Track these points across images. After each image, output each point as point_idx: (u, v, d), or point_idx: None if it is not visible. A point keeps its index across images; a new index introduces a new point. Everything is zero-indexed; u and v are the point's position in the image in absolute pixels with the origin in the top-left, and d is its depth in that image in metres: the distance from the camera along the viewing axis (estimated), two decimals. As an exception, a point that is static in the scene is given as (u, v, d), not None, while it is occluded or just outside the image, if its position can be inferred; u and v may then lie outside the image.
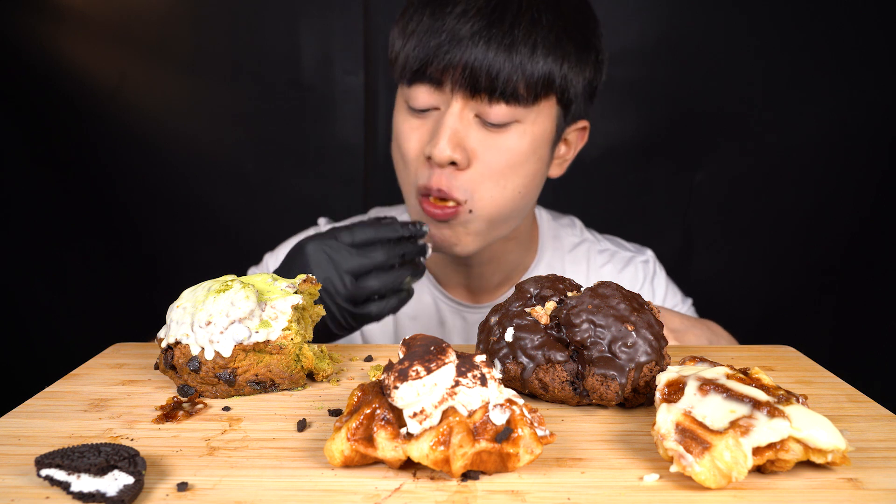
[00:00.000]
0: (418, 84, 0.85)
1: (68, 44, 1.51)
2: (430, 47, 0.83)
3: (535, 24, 0.84)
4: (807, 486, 0.45)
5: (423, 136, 0.87)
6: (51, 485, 0.45)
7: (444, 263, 1.02)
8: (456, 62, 0.82)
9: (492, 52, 0.81)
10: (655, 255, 1.16)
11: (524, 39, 0.82)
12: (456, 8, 0.84)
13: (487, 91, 0.83)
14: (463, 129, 0.84)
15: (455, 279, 1.02)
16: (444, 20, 0.83)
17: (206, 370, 0.59)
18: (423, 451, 0.44)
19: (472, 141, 0.85)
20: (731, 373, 0.50)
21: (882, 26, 1.46)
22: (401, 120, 0.90)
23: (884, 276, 1.59)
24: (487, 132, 0.85)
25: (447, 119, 0.84)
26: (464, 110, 0.84)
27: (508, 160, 0.86)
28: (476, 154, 0.85)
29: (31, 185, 1.59)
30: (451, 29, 0.82)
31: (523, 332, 0.60)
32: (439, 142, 0.83)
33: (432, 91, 0.85)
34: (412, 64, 0.85)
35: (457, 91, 0.84)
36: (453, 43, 0.82)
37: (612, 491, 0.45)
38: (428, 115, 0.87)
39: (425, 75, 0.84)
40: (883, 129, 1.51)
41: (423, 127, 0.88)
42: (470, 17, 0.82)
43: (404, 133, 0.89)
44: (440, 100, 0.86)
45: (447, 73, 0.83)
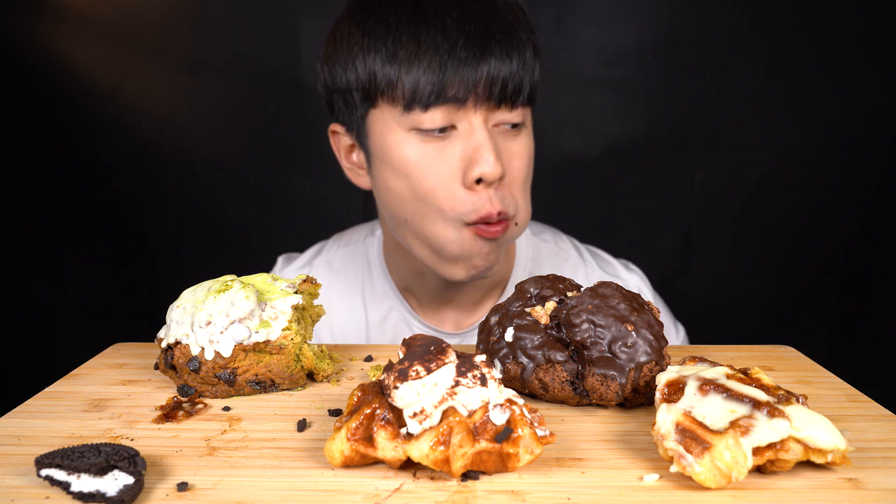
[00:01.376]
0: (436, 107, 0.79)
1: (68, 44, 1.51)
2: (449, 68, 0.77)
3: (523, 25, 0.83)
4: (807, 486, 0.45)
5: (452, 162, 0.80)
6: (51, 485, 0.45)
7: (427, 289, 0.97)
8: (480, 78, 0.78)
9: (514, 61, 0.79)
10: (653, 261, 1.12)
11: (526, 42, 0.82)
12: (462, 24, 0.79)
13: (511, 99, 0.80)
14: (493, 141, 0.80)
15: (433, 304, 0.98)
16: (454, 38, 0.78)
17: (206, 370, 0.59)
18: (423, 451, 0.44)
19: (502, 151, 0.81)
20: (731, 373, 0.50)
21: (882, 26, 1.46)
22: (409, 151, 0.81)
23: (884, 276, 1.59)
24: (507, 141, 0.83)
25: (479, 134, 0.79)
26: (487, 122, 0.81)
27: (528, 162, 0.85)
28: (507, 163, 0.82)
29: (31, 185, 1.59)
30: (467, 45, 0.78)
31: (523, 332, 0.60)
32: (486, 157, 0.78)
33: (452, 111, 0.80)
34: (429, 89, 0.78)
35: (481, 105, 0.79)
36: (472, 59, 0.78)
37: (612, 491, 0.45)
38: (445, 138, 0.81)
39: (447, 97, 0.78)
40: (883, 129, 1.52)
41: (444, 153, 0.81)
42: (482, 28, 0.79)
43: (423, 167, 0.81)
44: (458, 118, 0.80)
45: (472, 91, 0.78)
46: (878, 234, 1.57)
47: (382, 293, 1.00)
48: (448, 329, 0.99)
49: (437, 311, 0.99)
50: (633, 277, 1.05)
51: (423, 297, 0.98)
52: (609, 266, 1.06)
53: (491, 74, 0.78)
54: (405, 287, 1.00)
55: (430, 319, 0.99)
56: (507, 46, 0.80)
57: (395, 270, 1.00)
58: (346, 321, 1.01)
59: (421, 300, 0.99)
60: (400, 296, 1.00)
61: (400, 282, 1.00)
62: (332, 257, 1.05)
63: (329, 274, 1.03)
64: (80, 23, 1.50)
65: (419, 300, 0.99)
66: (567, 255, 1.05)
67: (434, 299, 0.98)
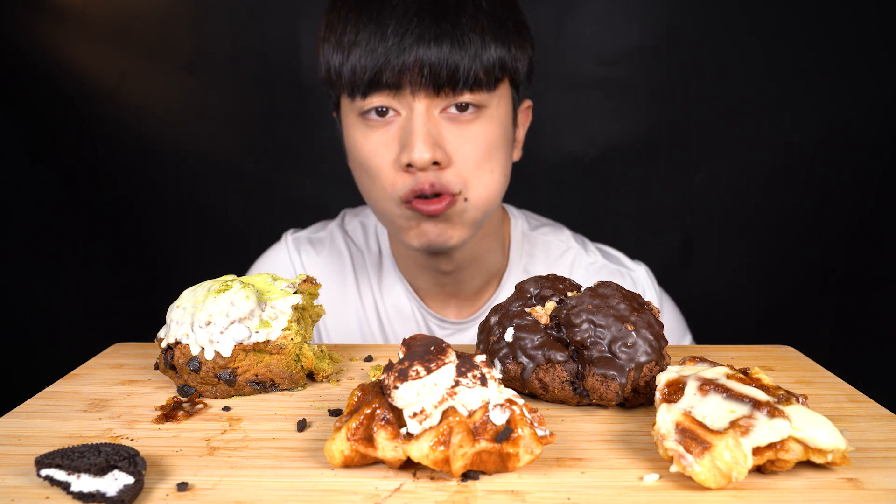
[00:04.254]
0: (374, 93, 0.82)
1: (68, 44, 1.51)
2: (380, 53, 0.80)
3: (479, 10, 0.83)
4: (807, 486, 0.45)
5: (392, 146, 0.84)
6: (51, 485, 0.45)
7: (426, 277, 0.99)
8: (411, 63, 0.80)
9: (446, 47, 0.80)
10: (653, 261, 1.11)
11: (473, 28, 0.81)
12: (395, 10, 0.81)
13: (450, 85, 0.81)
14: (434, 128, 0.82)
15: (436, 290, 1.00)
16: (386, 24, 0.80)
17: (206, 370, 0.59)
18: (423, 451, 0.44)
19: (448, 137, 0.83)
20: (731, 373, 0.50)
21: (882, 26, 1.46)
22: (358, 135, 0.86)
23: (884, 276, 1.59)
24: (458, 126, 0.84)
25: (416, 121, 0.81)
26: (429, 109, 0.82)
27: (487, 146, 0.85)
28: (455, 149, 0.84)
29: (31, 186, 1.59)
30: (397, 31, 0.80)
31: (523, 332, 0.60)
32: (416, 145, 0.80)
33: (390, 96, 0.82)
34: (363, 74, 0.81)
35: (418, 92, 0.81)
36: (404, 45, 0.80)
37: (612, 491, 0.45)
38: (389, 123, 0.84)
39: (381, 83, 0.81)
40: (883, 129, 1.52)
41: (386, 137, 0.84)
42: (413, 16, 0.80)
43: (366, 148, 0.85)
44: (399, 104, 0.83)
45: (404, 76, 0.80)
46: (878, 234, 1.57)
47: (391, 280, 1.02)
48: (455, 318, 1.01)
49: (440, 301, 1.01)
50: (640, 269, 1.05)
51: (425, 286, 1.00)
52: (613, 257, 1.06)
53: (419, 60, 0.80)
54: (408, 275, 1.02)
55: (434, 308, 1.01)
56: (437, 32, 0.80)
57: (398, 257, 1.02)
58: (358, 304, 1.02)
59: (424, 288, 1.01)
60: (407, 283, 1.02)
61: (402, 269, 1.02)
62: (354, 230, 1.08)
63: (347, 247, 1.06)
64: (80, 23, 1.50)
65: (423, 288, 1.01)
66: (567, 247, 1.05)
67: (434, 288, 1.00)
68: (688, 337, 1.05)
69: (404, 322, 1.00)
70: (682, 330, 1.05)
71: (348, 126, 0.88)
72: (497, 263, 1.01)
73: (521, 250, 1.03)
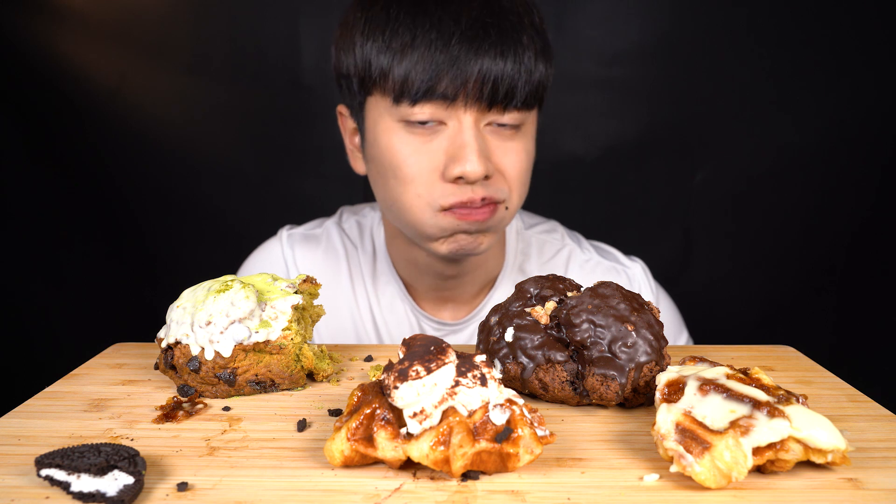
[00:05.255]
0: (425, 102, 0.79)
1: (68, 44, 1.51)
2: (441, 63, 0.77)
3: (532, 27, 0.82)
4: (807, 486, 0.45)
5: (436, 156, 0.81)
6: (51, 485, 0.45)
7: (424, 281, 0.98)
8: (472, 76, 0.77)
9: (509, 62, 0.78)
10: (653, 261, 1.11)
11: (529, 45, 0.81)
12: (459, 19, 0.78)
13: (504, 102, 0.80)
14: (482, 141, 0.81)
15: (431, 293, 0.99)
16: (449, 32, 0.78)
17: (206, 370, 0.59)
18: (423, 451, 0.44)
19: (493, 150, 0.82)
20: (731, 373, 0.50)
21: (882, 26, 1.46)
22: (396, 142, 0.83)
23: (884, 276, 1.59)
24: (502, 139, 0.83)
25: (466, 134, 0.80)
26: (477, 122, 0.81)
27: (527, 161, 0.86)
28: (499, 161, 0.83)
29: (31, 185, 1.59)
30: (461, 42, 0.77)
31: (523, 332, 0.60)
32: (469, 158, 0.78)
33: (442, 107, 0.80)
34: (418, 83, 0.78)
35: (471, 105, 0.79)
36: (467, 57, 0.77)
37: (612, 491, 0.45)
38: (432, 132, 0.82)
39: (436, 93, 0.78)
40: (883, 129, 1.52)
41: (430, 146, 0.82)
42: (479, 28, 0.78)
43: (405, 155, 0.82)
44: (448, 114, 0.81)
45: (462, 89, 0.78)
46: (879, 234, 1.57)
47: (385, 279, 1.02)
48: (449, 319, 1.00)
49: (434, 303, 1.01)
50: (636, 265, 1.05)
51: (422, 288, 1.00)
52: (608, 254, 1.06)
53: (482, 74, 0.78)
54: (404, 276, 1.01)
55: (428, 309, 1.01)
56: (502, 47, 0.79)
57: (395, 258, 1.01)
58: (352, 302, 1.02)
59: (420, 290, 1.00)
60: (401, 283, 1.01)
61: (399, 270, 1.01)
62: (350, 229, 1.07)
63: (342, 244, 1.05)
64: (80, 23, 1.50)
65: (418, 290, 1.00)
66: (561, 244, 1.05)
67: (431, 291, 0.99)
68: (684, 333, 1.05)
69: (398, 322, 1.00)
70: (679, 326, 1.05)
71: (380, 128, 0.84)
72: (496, 265, 1.01)
73: (515, 250, 1.03)
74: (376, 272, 1.02)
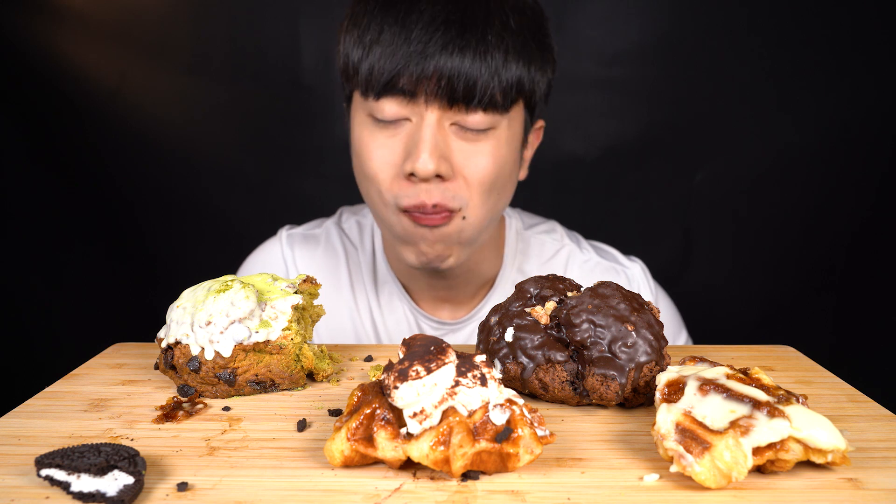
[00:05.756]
0: (388, 97, 0.80)
1: (68, 44, 1.51)
2: (400, 57, 0.78)
3: (505, 28, 0.81)
4: (807, 486, 0.45)
5: (396, 151, 0.82)
6: (51, 485, 0.45)
7: (420, 281, 0.98)
8: (430, 72, 0.77)
9: (468, 59, 0.78)
10: (653, 261, 1.11)
11: (497, 45, 0.79)
12: (422, 15, 0.79)
13: (465, 100, 0.79)
14: (443, 140, 0.81)
15: (429, 294, 0.99)
16: (411, 28, 0.78)
17: (206, 370, 0.59)
18: (423, 451, 0.44)
19: (455, 151, 0.82)
20: (731, 373, 0.50)
21: (882, 26, 1.46)
22: (365, 135, 0.84)
23: (884, 276, 1.59)
24: (467, 141, 0.82)
25: (425, 131, 0.79)
26: (440, 120, 0.80)
27: (494, 167, 0.84)
28: (460, 164, 0.82)
29: (31, 186, 1.59)
30: (421, 37, 0.78)
31: (523, 332, 0.60)
32: (420, 155, 0.79)
33: (403, 103, 0.80)
34: (380, 76, 0.79)
35: (432, 101, 0.79)
36: (426, 52, 0.77)
37: (612, 491, 0.45)
38: (397, 127, 0.82)
39: (396, 87, 0.79)
40: (883, 130, 1.52)
41: (392, 140, 0.82)
42: (440, 24, 0.78)
43: (370, 149, 0.83)
44: (411, 111, 0.81)
45: (421, 84, 0.78)
46: (879, 233, 1.57)
47: (384, 279, 1.02)
48: (447, 319, 1.00)
49: (433, 303, 1.01)
50: (635, 265, 1.05)
51: (419, 288, 1.00)
52: (607, 254, 1.06)
53: (439, 70, 0.78)
54: (401, 276, 1.01)
55: (427, 309, 1.01)
56: (462, 44, 0.78)
57: (392, 259, 1.01)
58: (352, 302, 1.02)
59: (418, 290, 1.00)
60: (399, 283, 1.01)
61: (396, 270, 1.01)
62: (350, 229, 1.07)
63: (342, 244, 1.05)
64: (80, 23, 1.50)
65: (416, 290, 1.01)
66: (561, 245, 1.05)
67: (428, 291, 0.99)
68: (683, 333, 1.05)
69: (397, 322, 1.00)
70: (678, 326, 1.05)
71: (356, 122, 0.86)
72: (493, 266, 1.01)
73: (515, 250, 1.02)
74: (375, 272, 1.02)
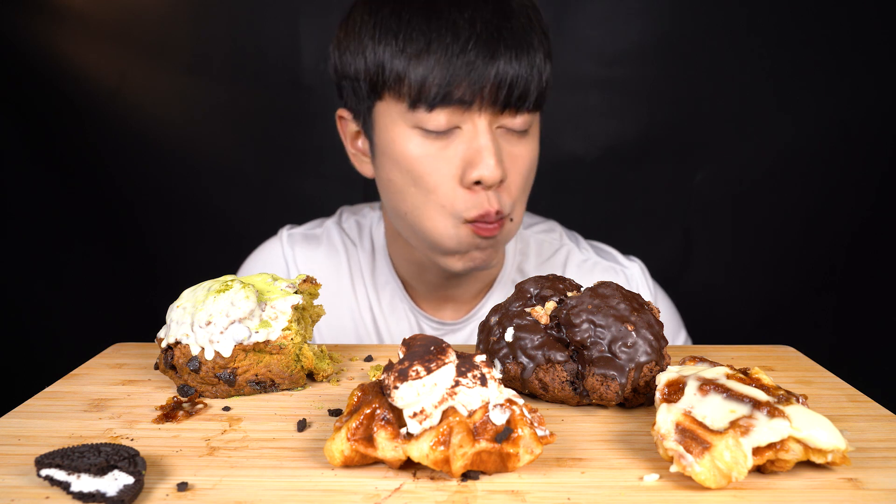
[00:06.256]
0: (442, 107, 0.78)
1: (68, 44, 1.51)
2: (459, 68, 0.76)
3: (537, 27, 0.82)
4: (807, 486, 0.45)
5: (454, 162, 0.81)
6: (51, 485, 0.45)
7: (424, 281, 0.98)
8: (488, 80, 0.77)
9: (523, 64, 0.78)
10: (653, 261, 1.11)
11: (538, 46, 0.80)
12: (470, 22, 0.77)
13: (517, 104, 0.79)
14: (496, 145, 0.80)
15: (431, 293, 0.99)
16: (463, 37, 0.77)
17: (206, 370, 0.59)
18: (423, 451, 0.44)
19: (504, 154, 0.82)
20: (731, 373, 0.50)
21: (882, 26, 1.46)
22: (414, 148, 0.81)
23: (884, 276, 1.59)
24: (511, 143, 0.83)
25: (483, 138, 0.79)
26: (491, 125, 0.80)
27: (531, 166, 0.85)
28: (509, 166, 0.83)
29: (30, 186, 1.59)
30: (474, 46, 0.77)
31: (523, 332, 0.60)
32: (487, 163, 0.78)
33: (457, 112, 0.79)
34: (436, 88, 0.77)
35: (485, 108, 0.79)
36: (481, 61, 0.77)
37: (612, 491, 0.45)
38: (450, 136, 0.81)
39: (453, 98, 0.78)
40: (883, 130, 1.52)
41: (447, 151, 0.81)
42: (492, 31, 0.78)
43: (425, 162, 0.81)
44: (462, 119, 0.80)
45: (479, 93, 0.78)
46: (879, 233, 1.57)
47: (384, 279, 1.02)
48: (448, 319, 1.00)
49: (433, 303, 1.00)
50: (634, 265, 1.05)
51: (422, 288, 1.00)
52: (606, 254, 1.06)
53: (499, 77, 0.77)
54: (404, 276, 1.01)
55: (427, 309, 1.01)
56: (517, 50, 0.78)
57: (395, 258, 1.01)
58: (352, 302, 1.02)
59: (419, 290, 1.00)
60: (400, 283, 1.01)
61: (399, 270, 1.01)
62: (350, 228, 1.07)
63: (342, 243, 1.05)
64: (80, 23, 1.50)
65: (417, 290, 1.00)
66: (560, 244, 1.05)
67: (431, 291, 0.99)
68: (682, 333, 1.05)
69: (398, 321, 1.00)
70: (677, 326, 1.05)
71: (394, 133, 0.83)
72: (494, 267, 1.01)
73: (514, 249, 1.03)
74: (376, 272, 1.02)
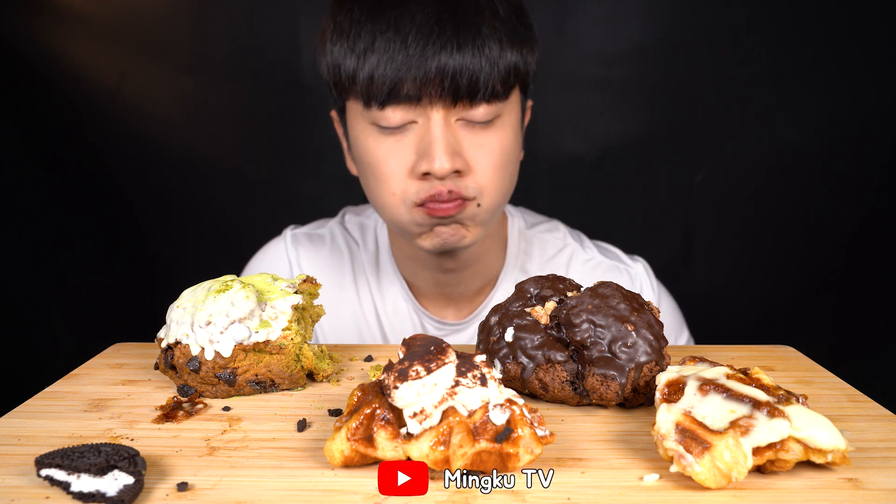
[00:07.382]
0: (392, 104, 0.80)
1: (68, 44, 1.51)
2: (401, 63, 0.77)
3: (495, 17, 0.81)
4: (807, 486, 0.45)
5: (407, 155, 0.82)
6: (51, 485, 0.45)
7: (426, 278, 0.99)
8: (433, 74, 0.77)
9: (467, 55, 0.78)
10: (653, 261, 1.10)
11: (491, 35, 0.80)
12: (415, 17, 0.78)
13: (469, 96, 0.79)
14: (453, 137, 0.81)
15: (434, 291, 1.00)
16: (405, 32, 0.77)
17: (206, 370, 0.59)
18: (423, 451, 0.44)
19: (466, 145, 0.82)
20: (731, 373, 0.50)
21: (882, 26, 1.46)
22: (371, 143, 0.84)
23: (884, 276, 1.59)
24: (474, 133, 0.83)
25: (435, 131, 0.80)
26: (447, 118, 0.81)
27: (503, 155, 0.85)
28: (472, 157, 0.83)
29: (30, 185, 1.59)
30: (418, 40, 0.77)
31: (523, 332, 0.60)
32: (436, 156, 0.79)
33: (408, 108, 0.80)
34: (382, 85, 0.78)
35: (436, 102, 0.79)
36: (425, 54, 0.77)
37: (612, 491, 0.45)
38: (404, 131, 0.82)
39: (401, 94, 0.79)
40: (883, 130, 1.52)
41: (400, 144, 0.82)
42: (434, 24, 0.78)
43: (380, 156, 0.83)
44: (416, 114, 0.81)
45: (425, 87, 0.78)
46: (879, 233, 1.57)
47: (388, 279, 1.02)
48: (450, 319, 1.01)
49: (437, 302, 1.01)
50: (638, 265, 1.05)
51: (424, 287, 1.00)
52: (610, 253, 1.06)
53: (440, 69, 0.77)
54: (407, 276, 1.01)
55: (430, 309, 1.01)
56: (459, 41, 0.78)
57: (398, 257, 1.01)
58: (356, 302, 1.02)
59: (422, 289, 1.01)
60: (404, 283, 1.01)
61: (402, 269, 1.01)
62: (353, 228, 1.07)
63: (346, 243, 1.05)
64: (80, 23, 1.50)
65: (420, 289, 1.01)
66: (563, 244, 1.05)
67: (433, 289, 1.00)
68: (685, 332, 1.05)
69: (401, 321, 1.00)
70: (680, 326, 1.05)
71: (357, 130, 0.86)
72: (497, 264, 1.01)
73: (517, 249, 1.03)
74: (379, 272, 1.02)
